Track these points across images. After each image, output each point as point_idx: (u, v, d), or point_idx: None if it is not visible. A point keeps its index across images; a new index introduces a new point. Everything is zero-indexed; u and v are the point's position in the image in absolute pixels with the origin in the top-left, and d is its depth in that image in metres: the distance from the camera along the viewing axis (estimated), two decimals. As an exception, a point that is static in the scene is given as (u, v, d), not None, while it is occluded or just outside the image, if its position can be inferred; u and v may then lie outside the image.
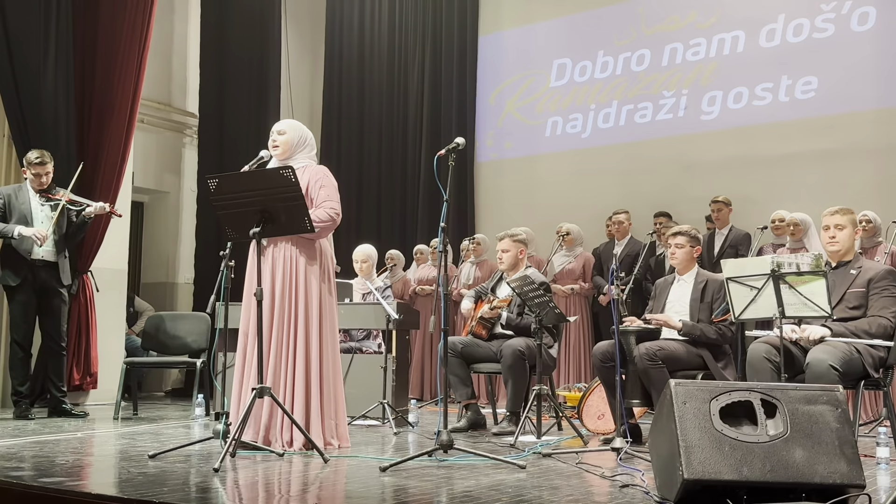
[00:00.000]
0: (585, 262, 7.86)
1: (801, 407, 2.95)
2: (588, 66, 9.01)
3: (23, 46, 6.77)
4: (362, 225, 9.80)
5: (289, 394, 4.29)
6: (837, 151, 7.42)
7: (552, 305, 5.07)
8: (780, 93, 7.86)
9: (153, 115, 8.97)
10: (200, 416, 6.01)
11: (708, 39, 8.31)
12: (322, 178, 4.49)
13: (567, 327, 7.16)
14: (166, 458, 3.94)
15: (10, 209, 5.98)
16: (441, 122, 9.65)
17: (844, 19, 7.60)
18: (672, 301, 5.00)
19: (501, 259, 5.72)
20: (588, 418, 5.32)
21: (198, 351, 6.69)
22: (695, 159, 8.15)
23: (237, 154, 8.60)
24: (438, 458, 3.97)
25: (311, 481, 3.51)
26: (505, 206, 9.23)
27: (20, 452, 4.15)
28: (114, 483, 3.44)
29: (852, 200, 5.62)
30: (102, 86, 7.17)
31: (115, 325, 7.49)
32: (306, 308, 4.37)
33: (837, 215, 4.49)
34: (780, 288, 4.04)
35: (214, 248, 8.26)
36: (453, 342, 5.55)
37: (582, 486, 3.41)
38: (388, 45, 10.28)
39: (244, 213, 4.12)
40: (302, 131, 4.60)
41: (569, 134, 9.04)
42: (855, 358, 4.13)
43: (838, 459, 2.85)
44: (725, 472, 2.81)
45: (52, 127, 6.83)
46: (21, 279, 5.96)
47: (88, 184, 6.92)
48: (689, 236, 5.01)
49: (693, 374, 4.68)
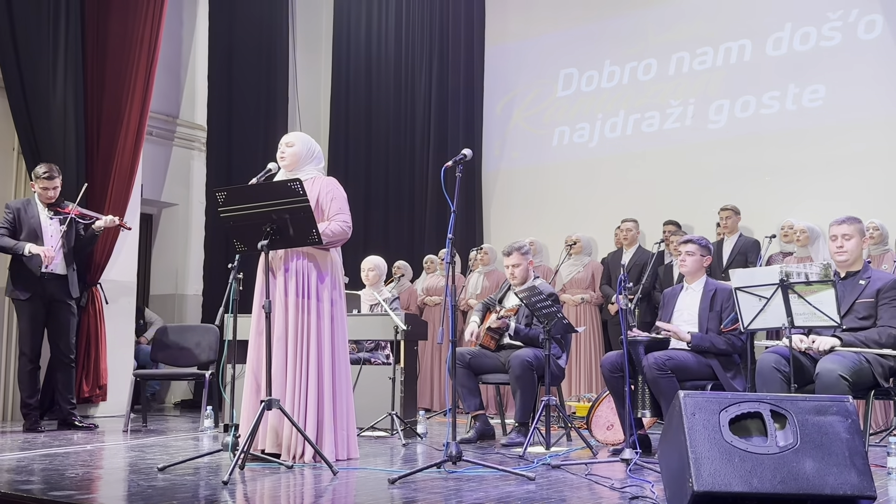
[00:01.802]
0: (594, 271, 7.86)
1: (811, 418, 2.94)
2: (595, 75, 9.01)
3: (32, 61, 6.82)
4: (370, 236, 9.81)
5: (301, 405, 4.30)
6: (845, 159, 7.40)
7: (560, 316, 5.07)
8: (787, 101, 7.85)
9: (162, 128, 9.02)
10: (209, 427, 6.02)
11: (714, 48, 8.31)
12: (333, 189, 4.51)
13: (576, 337, 7.14)
14: (175, 471, 3.95)
15: (19, 223, 6.01)
16: (448, 133, 9.66)
17: (851, 27, 7.59)
18: (680, 310, 4.98)
19: (514, 275, 5.70)
20: (597, 429, 5.30)
21: (207, 363, 6.70)
22: (702, 168, 8.14)
23: (245, 166, 8.64)
24: (447, 469, 3.97)
25: (320, 493, 3.51)
26: (512, 216, 9.24)
27: (30, 465, 4.16)
28: (123, 496, 3.44)
29: (860, 208, 5.60)
30: (111, 99, 7.22)
31: (124, 337, 7.51)
32: (318, 319, 4.38)
33: (845, 225, 4.47)
34: (790, 298, 4.02)
35: (223, 259, 8.29)
36: (461, 353, 5.55)
37: (591, 497, 3.40)
38: (394, 56, 10.31)
39: (252, 225, 4.14)
40: (310, 143, 4.63)
41: (576, 143, 9.04)
42: (865, 368, 4.11)
43: (849, 470, 2.84)
44: (735, 483, 2.80)
45: (61, 140, 6.87)
46: (30, 293, 5.99)
47: (98, 197, 6.97)
48: (700, 245, 5.00)
49: (702, 383, 4.67)
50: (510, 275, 5.74)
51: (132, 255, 7.65)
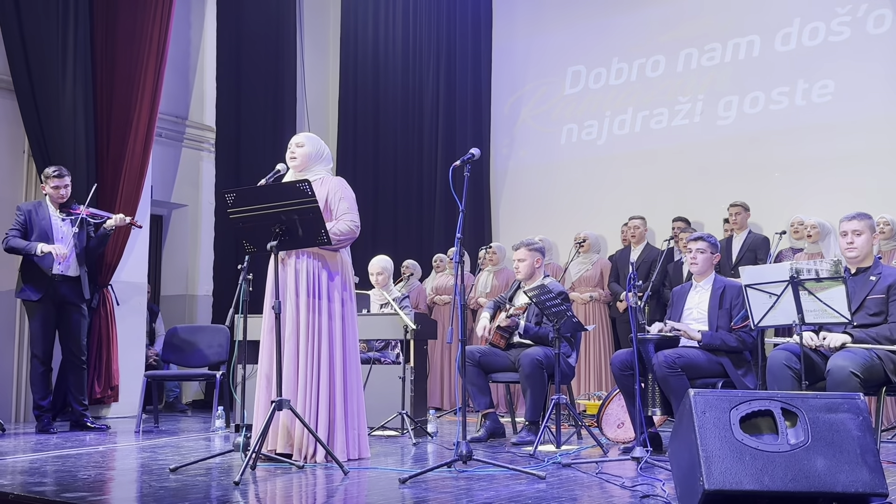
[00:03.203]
0: (602, 269, 7.85)
1: (823, 415, 2.94)
2: (603, 72, 9.00)
3: (42, 63, 6.86)
4: (379, 235, 9.82)
5: (312, 405, 4.31)
6: (855, 155, 7.37)
7: (570, 315, 5.07)
8: (796, 97, 7.82)
9: (171, 130, 9.04)
10: (220, 428, 6.04)
11: (723, 44, 8.28)
12: (341, 189, 4.53)
13: (585, 335, 7.14)
14: (187, 472, 3.97)
15: (30, 225, 6.04)
16: (456, 131, 9.67)
17: (860, 22, 7.56)
18: (690, 308, 4.97)
19: (518, 269, 5.72)
20: (607, 427, 5.30)
21: (217, 363, 6.72)
22: (711, 164, 8.12)
23: (254, 167, 8.66)
24: (458, 468, 3.97)
25: (331, 493, 3.52)
26: (521, 214, 9.23)
27: (43, 467, 4.19)
28: (136, 497, 3.46)
29: (870, 204, 5.58)
30: (121, 101, 7.24)
31: (135, 338, 7.54)
32: (329, 320, 4.40)
33: (855, 221, 4.44)
34: (800, 294, 4.01)
35: (233, 260, 8.32)
36: (471, 352, 5.55)
37: (602, 496, 3.40)
38: (402, 55, 10.31)
39: (261, 226, 4.15)
40: (319, 144, 4.64)
41: (584, 141, 9.03)
42: (876, 364, 4.10)
43: (860, 468, 2.83)
44: (746, 481, 2.80)
45: (71, 143, 6.90)
46: (41, 294, 6.02)
47: (109, 198, 7.00)
48: (710, 242, 4.99)
49: (713, 381, 4.66)
50: (515, 269, 5.78)
51: (143, 256, 7.68)
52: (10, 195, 6.92)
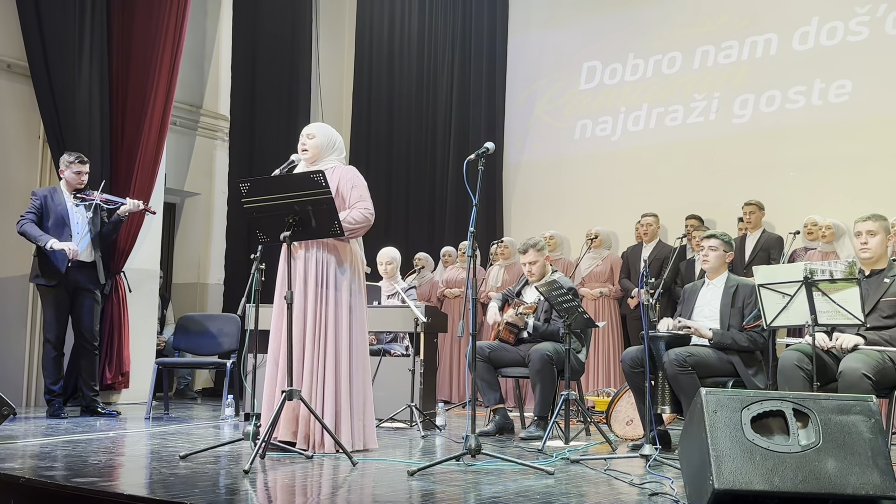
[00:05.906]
0: (613, 265, 7.84)
1: (834, 417, 2.92)
2: (618, 68, 8.96)
3: (58, 51, 6.88)
4: (391, 227, 9.82)
5: (319, 396, 4.32)
6: (871, 155, 7.32)
7: (581, 310, 5.06)
8: (813, 96, 7.77)
9: (185, 118, 9.06)
10: (230, 416, 6.07)
11: (740, 42, 8.23)
12: (353, 177, 4.53)
13: (595, 331, 7.13)
14: (197, 459, 3.99)
15: (46, 210, 6.07)
16: (470, 125, 9.65)
17: (879, 22, 7.50)
18: (701, 306, 4.96)
19: (532, 272, 5.70)
20: (616, 424, 5.29)
21: (228, 352, 6.75)
22: (726, 163, 8.08)
23: (267, 156, 8.68)
24: (466, 462, 3.97)
25: (339, 484, 3.53)
26: (533, 209, 9.22)
27: (53, 452, 4.21)
28: (145, 484, 3.48)
29: (886, 205, 5.54)
30: (136, 89, 7.27)
31: (147, 324, 7.57)
32: (336, 310, 4.40)
33: (869, 222, 4.42)
34: (813, 295, 3.99)
35: (245, 249, 8.34)
36: (481, 347, 5.55)
37: (610, 492, 3.40)
38: (417, 47, 10.30)
39: (275, 216, 4.16)
40: (331, 134, 4.63)
41: (598, 136, 9.00)
42: (888, 366, 4.08)
43: (871, 470, 2.82)
44: (756, 482, 2.79)
45: (86, 129, 6.93)
46: (55, 280, 6.05)
47: (122, 185, 7.03)
48: (723, 240, 4.97)
49: (723, 380, 4.65)
50: (528, 272, 5.74)
51: (156, 243, 7.72)
52: (25, 180, 6.95)
